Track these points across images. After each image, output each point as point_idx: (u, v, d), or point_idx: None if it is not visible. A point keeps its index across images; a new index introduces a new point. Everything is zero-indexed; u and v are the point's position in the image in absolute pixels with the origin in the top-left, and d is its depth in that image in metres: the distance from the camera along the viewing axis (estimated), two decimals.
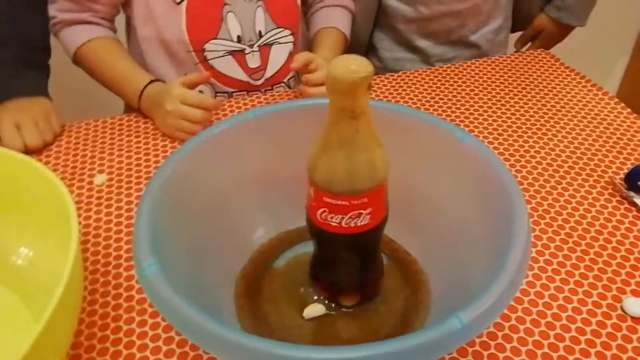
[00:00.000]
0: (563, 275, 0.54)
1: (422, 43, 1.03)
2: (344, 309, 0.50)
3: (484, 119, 0.79)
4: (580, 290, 0.53)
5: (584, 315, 0.50)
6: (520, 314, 0.50)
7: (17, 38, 0.80)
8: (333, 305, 0.50)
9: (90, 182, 0.68)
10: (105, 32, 0.86)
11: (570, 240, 0.58)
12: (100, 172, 0.70)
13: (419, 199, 0.54)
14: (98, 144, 0.75)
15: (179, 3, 0.81)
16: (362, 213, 0.43)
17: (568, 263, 0.56)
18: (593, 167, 0.69)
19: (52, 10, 0.84)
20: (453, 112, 0.80)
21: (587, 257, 0.56)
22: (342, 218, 0.43)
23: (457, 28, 1.01)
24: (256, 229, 0.58)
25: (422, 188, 0.53)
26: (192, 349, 0.48)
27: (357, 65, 0.38)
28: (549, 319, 0.50)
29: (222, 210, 0.53)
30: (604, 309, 0.51)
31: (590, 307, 0.51)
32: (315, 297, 0.50)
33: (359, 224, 0.43)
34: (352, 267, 0.49)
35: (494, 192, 0.46)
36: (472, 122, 0.78)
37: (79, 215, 0.63)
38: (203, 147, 0.51)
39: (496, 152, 0.68)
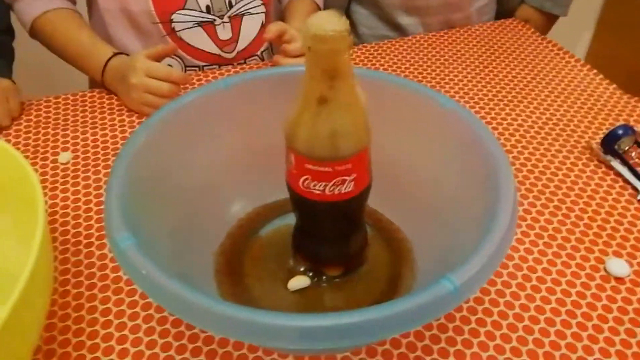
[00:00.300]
0: (546, 239, 0.54)
1: (404, 20, 1.00)
2: (329, 280, 0.48)
3: (459, 88, 0.78)
4: (563, 253, 0.53)
5: (569, 277, 0.50)
6: (505, 278, 0.50)
7: None
8: (318, 276, 0.48)
9: (55, 161, 0.65)
10: (64, 3, 0.81)
11: (551, 204, 0.58)
12: (65, 150, 0.66)
13: (401, 166, 0.52)
14: (61, 121, 0.72)
15: None
16: (346, 180, 0.41)
17: (550, 227, 0.55)
18: (569, 132, 0.69)
19: None
20: (429, 81, 0.79)
21: (568, 221, 0.56)
22: (326, 185, 0.41)
23: (441, 7, 0.98)
24: (234, 203, 0.55)
25: (404, 155, 0.52)
26: (173, 325, 0.46)
27: (336, 22, 0.36)
28: (535, 282, 0.50)
29: (196, 184, 0.51)
30: (588, 271, 0.51)
31: (574, 269, 0.51)
32: (299, 269, 0.49)
33: (343, 191, 0.42)
34: (336, 236, 0.47)
35: (478, 156, 0.45)
36: (447, 92, 0.77)
37: (44, 195, 0.60)
38: (173, 118, 0.49)
39: None
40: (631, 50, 1.82)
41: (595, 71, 0.81)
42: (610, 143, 0.64)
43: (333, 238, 0.47)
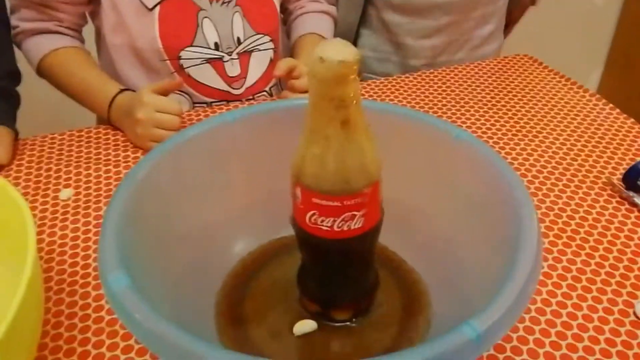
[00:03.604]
0: (570, 281, 0.51)
1: (410, 41, 0.98)
2: (337, 324, 0.45)
3: (472, 123, 0.76)
4: (589, 296, 0.49)
5: (596, 322, 0.47)
6: (528, 323, 0.47)
7: None
8: (325, 320, 0.45)
9: (56, 197, 0.63)
10: (71, 41, 0.81)
11: (573, 243, 0.55)
12: (67, 186, 0.65)
13: (415, 202, 0.50)
14: (64, 158, 0.70)
15: (151, 9, 0.77)
16: (355, 215, 0.39)
17: (573, 268, 0.52)
18: (589, 168, 0.66)
19: (14, 19, 0.79)
20: (440, 116, 0.77)
21: (592, 261, 0.53)
22: (334, 221, 0.39)
23: (448, 26, 0.97)
24: (237, 242, 0.53)
25: (417, 191, 0.50)
26: None
27: (345, 49, 0.34)
28: (560, 328, 0.46)
29: (200, 220, 0.49)
30: (616, 316, 0.47)
31: (601, 313, 0.47)
32: (306, 312, 0.46)
33: (352, 227, 0.39)
34: (345, 277, 0.44)
35: (496, 189, 0.43)
36: (460, 127, 0.75)
37: (43, 232, 0.57)
38: (176, 151, 0.47)
39: None
40: None
41: (611, 105, 0.79)
42: (632, 178, 0.61)
43: (341, 278, 0.44)
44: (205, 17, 0.79)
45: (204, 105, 0.85)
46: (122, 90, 0.74)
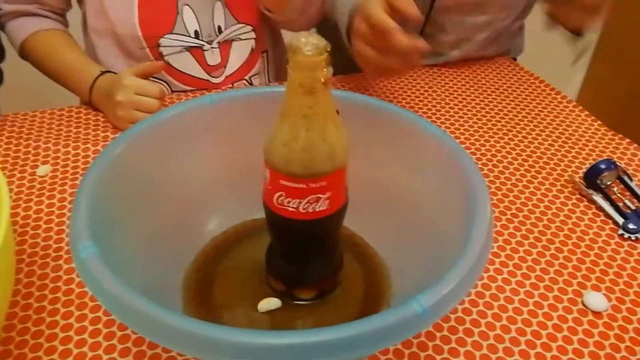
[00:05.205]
0: (524, 270, 0.53)
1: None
2: (300, 302, 0.47)
3: (445, 119, 0.78)
4: (541, 285, 0.52)
5: (545, 309, 0.49)
6: (481, 307, 0.49)
7: None
8: (290, 298, 0.47)
9: (33, 173, 0.64)
10: (53, 24, 0.81)
11: (531, 236, 0.57)
12: (45, 163, 0.66)
13: (381, 190, 0.52)
14: (43, 135, 0.71)
15: None
16: (320, 197, 0.41)
17: (529, 258, 0.55)
18: (553, 166, 0.69)
19: None
20: (416, 112, 0.80)
21: (547, 253, 0.55)
22: (300, 203, 0.41)
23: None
24: (212, 220, 0.55)
25: (384, 179, 0.52)
26: (135, 344, 0.44)
27: (316, 38, 0.37)
28: (511, 313, 0.49)
29: (175, 198, 0.50)
30: (565, 304, 0.50)
31: (551, 301, 0.50)
32: (271, 290, 0.48)
33: (317, 210, 0.41)
34: (309, 257, 0.46)
35: (457, 181, 0.45)
36: (434, 122, 0.77)
37: (18, 207, 0.58)
38: (154, 130, 0.49)
39: None
40: (624, 86, 1.83)
41: (580, 108, 0.82)
42: (592, 177, 0.64)
43: (306, 259, 0.46)
44: (186, 4, 0.80)
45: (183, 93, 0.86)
46: (103, 73, 0.75)
